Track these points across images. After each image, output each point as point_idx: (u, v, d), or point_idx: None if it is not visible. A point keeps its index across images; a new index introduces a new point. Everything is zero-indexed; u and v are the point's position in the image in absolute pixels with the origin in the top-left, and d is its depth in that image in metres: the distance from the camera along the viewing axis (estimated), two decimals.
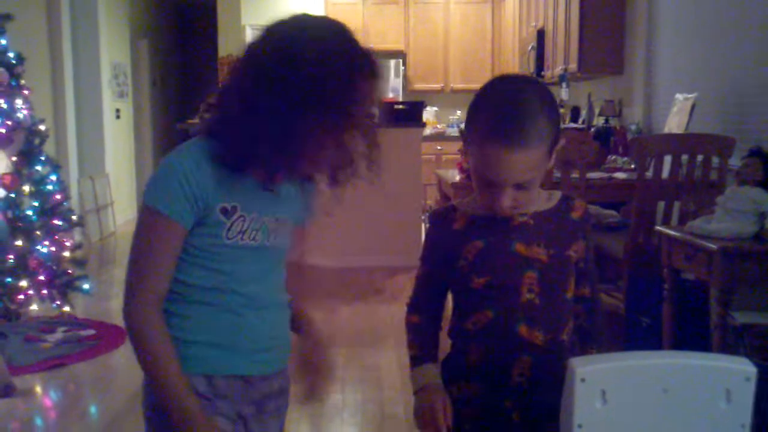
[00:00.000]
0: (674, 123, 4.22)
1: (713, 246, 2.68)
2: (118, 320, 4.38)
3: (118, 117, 7.83)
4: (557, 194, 1.45)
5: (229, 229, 1.27)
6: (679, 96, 4.26)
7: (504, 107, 1.28)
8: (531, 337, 1.35)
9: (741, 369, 1.08)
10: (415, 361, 1.45)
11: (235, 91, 1.24)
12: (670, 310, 3.14)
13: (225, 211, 1.25)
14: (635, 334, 3.56)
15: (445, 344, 1.48)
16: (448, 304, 1.49)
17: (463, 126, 1.38)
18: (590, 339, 1.46)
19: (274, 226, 1.33)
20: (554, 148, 1.32)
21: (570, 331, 1.41)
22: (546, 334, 1.36)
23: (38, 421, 3.26)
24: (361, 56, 1.22)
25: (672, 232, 3.01)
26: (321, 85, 1.16)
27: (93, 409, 3.40)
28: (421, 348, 1.45)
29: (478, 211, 1.40)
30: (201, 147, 1.26)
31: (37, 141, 4.36)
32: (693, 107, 4.04)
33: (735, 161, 3.37)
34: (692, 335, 3.14)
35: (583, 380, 1.07)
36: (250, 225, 1.29)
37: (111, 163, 7.49)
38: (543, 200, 1.43)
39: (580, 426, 1.08)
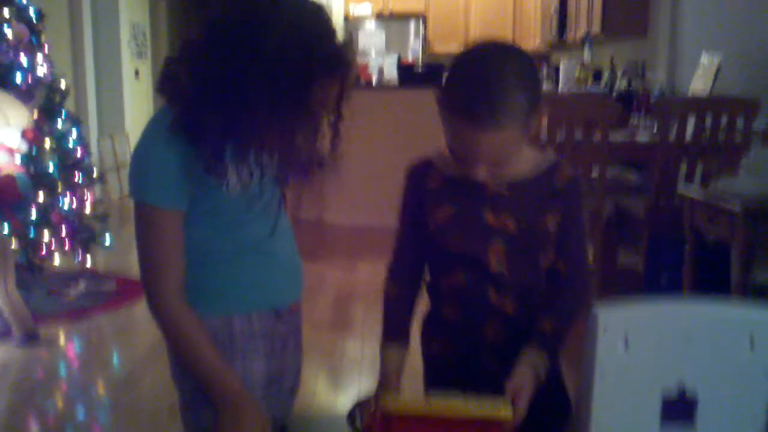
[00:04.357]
0: (699, 85, 4.16)
1: (736, 207, 2.65)
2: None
3: (137, 77, 7.82)
4: (550, 158, 1.36)
5: (227, 185, 1.24)
6: (704, 57, 4.20)
7: (475, 83, 1.18)
8: (500, 304, 1.33)
9: (765, 316, 1.08)
10: (382, 341, 1.41)
11: (191, 66, 1.18)
12: (690, 271, 3.13)
13: (216, 173, 1.21)
14: (654, 296, 3.55)
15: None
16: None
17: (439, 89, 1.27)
18: (550, 310, 1.34)
19: (264, 160, 1.29)
20: (531, 119, 1.22)
21: (543, 295, 1.36)
22: (516, 302, 1.33)
23: (62, 370, 3.32)
24: (327, 48, 1.15)
25: (695, 194, 2.99)
26: (275, 75, 1.11)
27: (115, 359, 3.46)
28: (389, 325, 1.41)
29: (454, 172, 1.33)
30: (165, 124, 1.20)
31: (57, 98, 4.37)
32: (718, 69, 3.98)
33: (760, 123, 3.33)
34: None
35: (605, 326, 1.07)
36: (244, 171, 1.26)
37: (130, 122, 7.49)
38: (529, 166, 1.33)
39: (601, 371, 1.08)
